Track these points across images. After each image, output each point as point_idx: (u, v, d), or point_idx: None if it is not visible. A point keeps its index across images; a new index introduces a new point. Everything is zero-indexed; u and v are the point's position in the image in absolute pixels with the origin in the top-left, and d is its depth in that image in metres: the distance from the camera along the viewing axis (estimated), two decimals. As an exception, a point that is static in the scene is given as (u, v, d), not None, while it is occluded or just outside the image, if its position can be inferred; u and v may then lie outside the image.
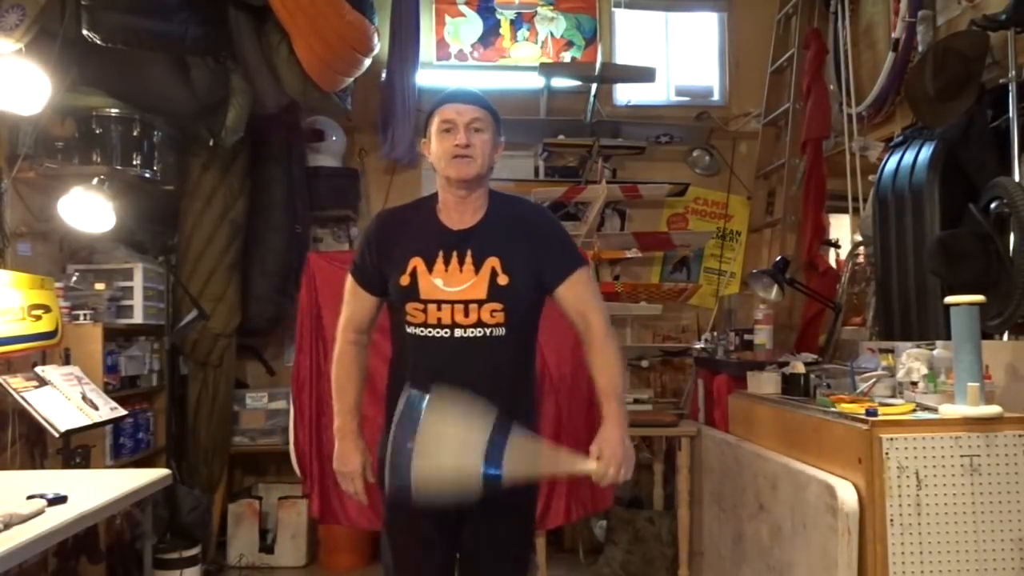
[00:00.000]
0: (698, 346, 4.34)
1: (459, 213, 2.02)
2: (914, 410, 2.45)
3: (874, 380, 2.78)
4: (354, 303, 2.09)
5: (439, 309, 1.94)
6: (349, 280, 2.10)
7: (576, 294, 2.00)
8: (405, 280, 1.97)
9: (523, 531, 2.14)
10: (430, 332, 1.96)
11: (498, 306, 1.94)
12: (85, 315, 3.45)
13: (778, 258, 3.99)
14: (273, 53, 3.56)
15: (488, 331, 1.94)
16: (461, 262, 1.96)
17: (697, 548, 3.76)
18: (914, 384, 2.57)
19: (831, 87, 4.45)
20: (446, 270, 1.95)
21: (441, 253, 1.97)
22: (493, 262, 1.95)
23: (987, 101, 3.07)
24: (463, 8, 5.10)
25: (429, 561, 2.04)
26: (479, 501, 1.84)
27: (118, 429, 3.54)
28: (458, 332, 1.94)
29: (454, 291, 1.94)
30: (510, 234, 2.00)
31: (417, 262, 1.97)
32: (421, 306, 1.96)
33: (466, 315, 1.94)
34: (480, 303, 1.94)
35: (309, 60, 3.50)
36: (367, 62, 3.78)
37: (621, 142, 4.93)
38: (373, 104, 4.68)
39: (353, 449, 2.07)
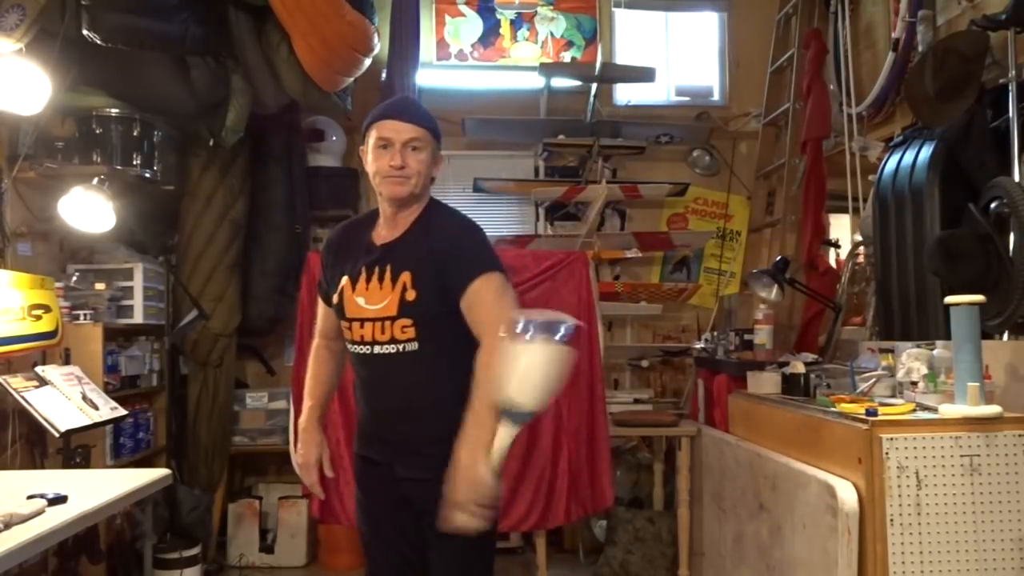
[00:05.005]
0: (698, 346, 4.34)
1: (389, 228, 2.02)
2: (914, 410, 2.45)
3: (874, 380, 2.78)
4: (321, 313, 2.18)
5: (362, 327, 1.97)
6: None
7: (470, 303, 1.88)
8: (336, 300, 2.03)
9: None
10: (356, 349, 2.00)
11: (408, 322, 1.91)
12: (85, 315, 3.45)
13: (778, 258, 3.98)
14: (273, 53, 3.55)
15: (401, 347, 1.93)
16: (381, 278, 1.96)
17: (697, 548, 3.76)
18: (914, 384, 2.57)
19: (831, 87, 4.45)
20: (367, 288, 1.97)
21: (364, 270, 1.98)
22: (406, 277, 1.93)
23: (987, 101, 3.07)
24: (463, 8, 5.10)
25: (392, 555, 2.03)
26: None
27: (118, 429, 3.54)
28: (376, 349, 1.95)
29: (374, 309, 1.95)
30: (422, 248, 1.96)
31: (345, 282, 2.01)
32: (348, 324, 2.00)
33: (382, 332, 1.94)
34: (392, 319, 1.93)
35: (309, 60, 3.50)
36: (367, 62, 3.78)
37: (621, 142, 4.92)
38: (373, 104, 4.61)
39: (310, 442, 2.12)
